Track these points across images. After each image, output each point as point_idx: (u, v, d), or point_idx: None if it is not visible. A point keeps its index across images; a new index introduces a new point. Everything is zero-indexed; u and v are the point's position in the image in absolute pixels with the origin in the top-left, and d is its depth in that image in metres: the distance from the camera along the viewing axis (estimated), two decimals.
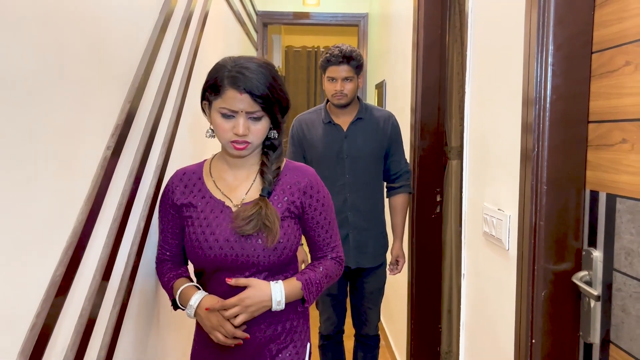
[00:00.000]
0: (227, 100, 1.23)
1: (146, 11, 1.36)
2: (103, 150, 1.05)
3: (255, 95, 1.23)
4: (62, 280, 0.84)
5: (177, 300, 1.35)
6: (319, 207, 1.39)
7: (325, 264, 1.42)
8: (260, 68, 1.25)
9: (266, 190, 1.32)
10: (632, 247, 1.06)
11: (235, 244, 1.28)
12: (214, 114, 1.27)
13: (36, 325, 0.78)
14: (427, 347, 2.75)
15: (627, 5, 1.07)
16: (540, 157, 1.24)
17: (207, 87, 1.28)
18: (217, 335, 1.27)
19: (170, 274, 1.39)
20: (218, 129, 1.27)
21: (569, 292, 1.23)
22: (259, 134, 1.28)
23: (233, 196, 1.35)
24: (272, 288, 1.29)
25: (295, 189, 1.37)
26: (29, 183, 0.77)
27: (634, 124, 1.04)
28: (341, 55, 2.23)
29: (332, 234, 1.43)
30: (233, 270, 1.30)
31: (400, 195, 2.45)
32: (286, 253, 1.32)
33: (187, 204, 1.34)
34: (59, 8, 0.86)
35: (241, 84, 1.22)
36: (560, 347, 1.24)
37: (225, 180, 1.36)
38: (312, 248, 1.45)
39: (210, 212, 1.32)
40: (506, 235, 1.41)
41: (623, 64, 1.09)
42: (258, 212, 1.26)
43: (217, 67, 1.28)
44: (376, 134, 2.35)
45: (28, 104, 0.77)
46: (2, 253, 0.71)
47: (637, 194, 1.04)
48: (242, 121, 1.24)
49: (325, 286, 1.41)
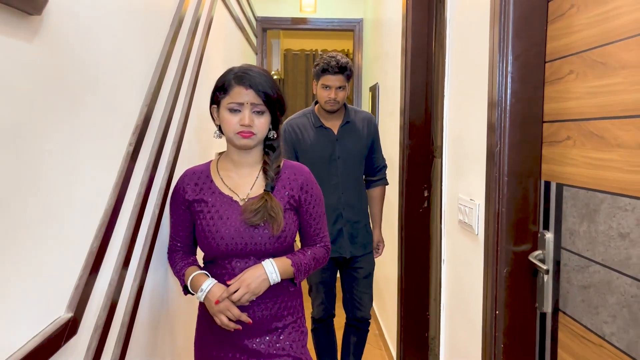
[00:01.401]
0: (234, 95, 1.43)
1: (160, 25, 1.55)
2: (126, 146, 1.24)
3: (259, 90, 1.43)
4: (97, 251, 1.03)
5: (188, 286, 1.50)
6: (312, 201, 1.58)
7: (313, 250, 1.60)
8: (262, 71, 1.48)
9: (269, 185, 1.50)
10: (574, 228, 1.25)
11: (244, 233, 1.45)
12: (223, 112, 1.45)
13: (78, 287, 0.97)
14: (416, 333, 2.94)
15: (572, 22, 1.26)
16: (502, 153, 1.43)
17: (216, 89, 1.48)
18: (222, 318, 1.43)
19: (181, 262, 1.55)
20: (226, 123, 1.45)
21: (526, 269, 1.42)
22: (262, 127, 1.46)
23: (239, 192, 1.51)
24: (264, 263, 1.46)
25: (294, 184, 1.54)
26: (75, 171, 0.96)
27: (575, 123, 1.23)
28: (337, 66, 2.43)
29: (321, 226, 1.62)
30: (241, 256, 1.47)
31: (379, 187, 2.71)
32: (288, 240, 1.50)
33: (198, 200, 1.50)
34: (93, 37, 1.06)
35: (246, 81, 1.43)
36: (520, 317, 1.43)
37: (231, 178, 1.53)
38: (304, 237, 1.63)
39: (220, 206, 1.48)
40: (476, 222, 1.60)
41: (568, 73, 1.28)
42: (264, 205, 1.44)
43: (225, 73, 1.49)
44: (362, 135, 2.58)
45: (77, 109, 0.96)
46: (55, 227, 0.90)
47: (577, 182, 1.23)
48: (247, 112, 1.42)
49: (314, 268, 1.58)
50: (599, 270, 1.15)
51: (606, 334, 1.12)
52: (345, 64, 2.45)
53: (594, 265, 1.16)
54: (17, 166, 0.77)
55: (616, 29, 1.08)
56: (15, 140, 0.76)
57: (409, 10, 2.78)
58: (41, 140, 0.84)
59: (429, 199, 2.87)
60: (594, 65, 1.16)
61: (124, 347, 1.17)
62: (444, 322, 2.01)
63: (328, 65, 2.44)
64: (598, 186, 1.14)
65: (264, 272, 1.44)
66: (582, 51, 1.21)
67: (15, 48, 0.76)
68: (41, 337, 0.82)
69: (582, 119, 1.21)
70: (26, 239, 0.80)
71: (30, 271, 0.81)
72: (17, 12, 0.75)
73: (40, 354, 0.81)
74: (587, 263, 1.19)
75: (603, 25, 1.12)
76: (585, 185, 1.20)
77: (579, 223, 1.23)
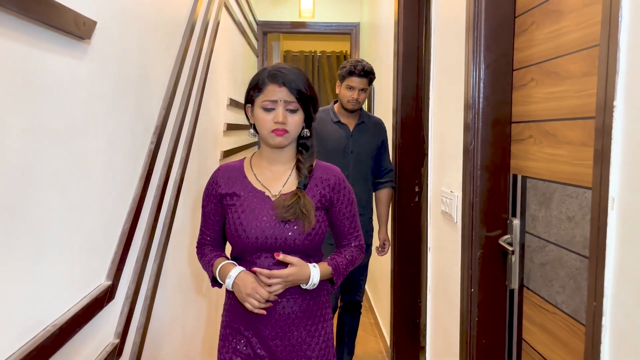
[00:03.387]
0: (268, 93, 1.45)
1: (175, 35, 1.74)
2: (148, 144, 1.44)
3: (292, 87, 1.44)
4: (128, 232, 1.23)
5: (216, 276, 1.51)
6: (345, 200, 1.58)
7: (350, 251, 1.61)
8: (294, 69, 1.50)
9: (302, 182, 1.50)
10: (535, 214, 1.45)
11: (275, 228, 1.45)
12: (257, 111, 1.47)
13: (114, 260, 1.17)
14: (408, 320, 3.13)
15: (532, 36, 1.46)
16: (476, 150, 1.62)
17: (251, 88, 1.50)
18: (252, 301, 1.41)
19: (210, 254, 1.57)
20: (260, 121, 1.46)
21: (497, 251, 1.62)
22: (295, 124, 1.47)
23: (271, 188, 1.52)
24: (312, 272, 1.46)
25: (326, 184, 1.55)
26: (112, 166, 1.16)
27: (535, 124, 1.43)
28: (363, 70, 2.69)
29: (355, 225, 1.63)
30: (271, 251, 1.46)
31: (386, 189, 2.91)
32: (317, 238, 1.50)
33: (231, 194, 1.51)
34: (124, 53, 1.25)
35: (279, 79, 1.45)
36: (491, 294, 1.63)
37: (264, 174, 1.54)
38: (338, 237, 1.64)
39: (252, 200, 1.49)
40: (455, 211, 1.80)
41: (530, 80, 1.47)
42: (297, 202, 1.44)
43: (258, 72, 1.51)
44: (373, 136, 2.83)
45: (112, 113, 1.16)
46: (97, 209, 1.10)
47: (537, 175, 1.43)
48: (281, 110, 1.44)
49: (349, 270, 1.61)
50: (553, 249, 1.34)
51: (558, 302, 1.32)
52: (369, 69, 2.72)
53: (550, 245, 1.36)
54: (72, 160, 0.97)
55: (564, 44, 1.27)
56: (70, 140, 0.96)
57: (400, 17, 2.98)
58: (87, 139, 1.04)
59: (420, 193, 3.07)
60: (549, 75, 1.36)
61: (148, 315, 1.37)
62: (429, 304, 2.21)
63: (355, 68, 2.69)
64: (552, 177, 1.34)
65: (307, 280, 1.46)
66: (540, 62, 1.41)
67: (70, 65, 0.96)
68: (89, 298, 1.02)
69: (540, 120, 1.41)
70: (78, 220, 1.00)
71: (79, 244, 1.01)
72: (73, 38, 0.95)
73: (89, 312, 1.01)
74: (545, 244, 1.39)
75: (555, 40, 1.32)
76: (543, 177, 1.39)
77: (538, 210, 1.43)
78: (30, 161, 0.81)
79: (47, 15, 0.82)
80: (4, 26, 0.74)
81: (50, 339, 0.85)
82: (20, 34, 0.78)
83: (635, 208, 0.85)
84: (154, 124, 1.48)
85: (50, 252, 0.89)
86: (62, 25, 0.87)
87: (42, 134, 0.85)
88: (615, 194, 0.90)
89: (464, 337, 1.71)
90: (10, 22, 0.75)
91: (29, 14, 0.77)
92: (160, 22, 1.56)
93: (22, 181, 0.79)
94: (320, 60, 7.13)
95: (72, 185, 0.96)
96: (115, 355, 1.15)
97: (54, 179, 0.90)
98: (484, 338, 1.64)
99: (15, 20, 0.76)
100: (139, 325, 1.33)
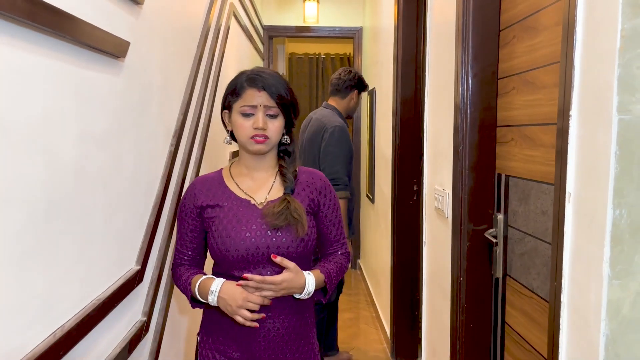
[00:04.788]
0: (247, 98, 1.37)
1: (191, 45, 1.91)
2: (168, 146, 1.61)
3: (272, 91, 1.37)
4: (153, 223, 1.40)
5: (196, 294, 1.36)
6: (331, 205, 1.52)
7: (338, 259, 1.54)
8: (274, 73, 1.43)
9: (289, 187, 1.43)
10: (516, 210, 1.61)
11: (267, 236, 1.36)
12: (235, 116, 1.39)
13: (142, 248, 1.34)
14: (406, 312, 3.30)
15: (514, 49, 1.62)
16: (464, 151, 1.79)
17: (228, 93, 1.41)
18: (244, 313, 1.29)
19: (187, 273, 1.42)
20: (239, 128, 1.38)
21: (483, 243, 1.78)
22: (276, 130, 1.40)
23: (256, 196, 1.43)
24: (307, 280, 1.37)
25: (313, 188, 1.48)
26: (140, 165, 1.33)
27: (516, 128, 1.59)
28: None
29: (341, 232, 1.56)
30: (263, 263, 1.35)
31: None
32: (310, 244, 1.43)
33: (212, 205, 1.40)
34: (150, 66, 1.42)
35: (259, 83, 1.37)
36: (478, 282, 1.79)
37: (246, 183, 1.45)
38: (324, 244, 1.55)
39: (238, 209, 1.39)
40: (446, 207, 1.96)
41: (512, 88, 1.63)
42: (287, 207, 1.36)
43: (236, 76, 1.42)
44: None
45: (140, 120, 1.32)
46: (129, 203, 1.27)
47: (518, 174, 1.59)
48: (260, 115, 1.36)
49: (339, 279, 1.52)
50: (530, 240, 1.50)
51: (534, 287, 1.48)
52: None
53: (528, 237, 1.52)
54: (109, 161, 1.14)
55: (539, 58, 1.43)
56: (108, 143, 1.13)
57: (400, 23, 3.14)
58: (121, 142, 1.21)
59: (418, 192, 3.23)
60: (527, 84, 1.52)
61: (169, 298, 1.54)
62: (424, 294, 2.37)
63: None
64: (529, 176, 1.50)
65: (301, 289, 1.37)
66: (520, 72, 1.57)
67: (109, 80, 1.13)
68: (123, 279, 1.20)
69: (520, 125, 1.57)
70: (114, 211, 1.17)
71: (114, 232, 1.18)
72: (112, 57, 1.12)
73: (123, 291, 1.18)
74: (524, 236, 1.55)
75: (532, 54, 1.48)
76: (522, 175, 1.55)
77: (518, 205, 1.59)
78: (81, 161, 0.98)
79: (94, 40, 0.99)
80: (62, 52, 0.90)
81: (96, 310, 1.02)
82: (74, 57, 0.95)
83: (586, 201, 1.01)
84: (173, 128, 1.65)
85: (95, 238, 1.06)
86: (105, 48, 1.05)
87: (89, 139, 1.02)
88: (572, 189, 1.06)
89: (454, 322, 1.87)
90: (65, 48, 0.92)
91: (81, 40, 0.94)
92: (178, 34, 1.73)
93: (77, 179, 0.96)
94: (324, 62, 7.29)
95: (110, 182, 1.14)
96: (143, 331, 1.32)
97: (97, 176, 1.07)
98: (471, 323, 1.80)
99: (70, 46, 0.93)
100: (161, 307, 1.50)
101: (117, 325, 1.19)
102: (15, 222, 0.75)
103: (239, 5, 3.22)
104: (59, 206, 0.89)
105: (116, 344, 1.16)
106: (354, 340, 3.63)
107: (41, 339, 0.83)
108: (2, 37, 0.71)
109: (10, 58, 0.74)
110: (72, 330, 0.90)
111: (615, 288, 0.94)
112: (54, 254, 0.88)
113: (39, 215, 0.82)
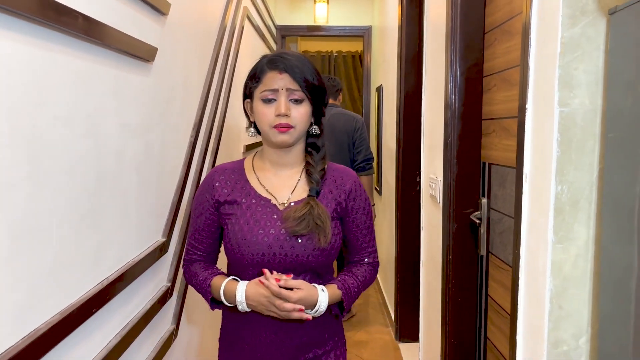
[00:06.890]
0: (267, 81, 1.25)
1: (208, 43, 2.14)
2: (189, 137, 1.83)
3: (295, 73, 1.24)
4: (176, 204, 1.63)
5: (222, 298, 1.29)
6: (360, 210, 1.38)
7: (363, 271, 1.40)
8: (299, 55, 1.29)
9: (315, 190, 1.30)
10: (497, 193, 1.80)
11: (285, 243, 1.25)
12: (256, 104, 1.27)
13: (167, 224, 1.57)
14: (409, 297, 3.49)
15: (495, 50, 1.81)
16: (453, 142, 1.98)
17: (249, 79, 1.31)
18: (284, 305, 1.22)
19: (205, 272, 1.35)
20: (260, 116, 1.26)
21: (469, 225, 1.98)
22: (301, 118, 1.26)
23: (278, 195, 1.32)
24: (320, 297, 1.26)
25: (341, 190, 1.35)
26: (165, 154, 1.55)
27: (497, 120, 1.79)
28: None
29: (370, 239, 1.42)
30: (278, 270, 1.26)
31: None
32: (333, 254, 1.31)
33: (230, 201, 1.31)
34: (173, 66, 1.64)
35: (280, 64, 1.24)
36: (465, 259, 1.99)
37: (269, 179, 1.34)
38: (350, 251, 1.43)
39: (257, 209, 1.29)
40: (438, 193, 2.16)
41: (493, 86, 1.83)
42: (309, 212, 1.24)
43: (257, 60, 1.31)
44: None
45: (165, 113, 1.54)
46: (156, 185, 1.49)
47: (497, 161, 1.78)
48: (283, 100, 1.23)
49: (361, 293, 1.40)
50: (507, 220, 1.70)
51: (510, 261, 1.67)
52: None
53: (505, 217, 1.72)
54: (142, 148, 1.36)
55: (513, 59, 1.62)
56: (140, 133, 1.36)
57: (403, 23, 3.33)
58: (150, 132, 1.43)
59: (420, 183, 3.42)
60: (505, 82, 1.71)
61: None
62: (422, 274, 2.57)
63: None
64: (506, 163, 1.70)
65: (313, 307, 1.26)
66: (499, 71, 1.76)
67: (141, 80, 1.35)
68: (152, 248, 1.42)
69: (499, 118, 1.76)
70: (145, 191, 1.39)
71: (145, 208, 1.40)
72: (143, 60, 1.35)
73: (150, 259, 1.40)
74: (502, 216, 1.75)
75: (508, 55, 1.67)
76: (501, 163, 1.75)
77: (498, 189, 1.79)
78: (120, 147, 1.21)
79: (130, 47, 1.21)
80: (106, 58, 1.13)
81: (131, 271, 1.24)
82: (115, 62, 1.17)
83: (537, 180, 1.21)
84: (192, 121, 1.87)
85: (130, 212, 1.29)
86: (138, 54, 1.27)
87: (126, 129, 1.25)
88: (528, 171, 1.26)
89: (444, 297, 2.07)
90: (109, 55, 1.14)
91: (120, 47, 1.16)
92: (197, 38, 1.95)
93: (116, 161, 1.19)
94: (336, 59, 7.49)
95: (141, 166, 1.36)
96: (168, 294, 1.55)
97: (132, 160, 1.29)
98: (459, 297, 2.00)
99: (112, 53, 1.15)
100: (182, 277, 1.72)
101: (147, 286, 1.41)
102: (73, 189, 0.98)
103: (252, 7, 3.44)
104: (104, 182, 1.12)
105: (147, 301, 1.38)
106: (362, 326, 3.84)
107: (92, 285, 1.06)
108: (69, 50, 0.94)
109: (72, 66, 0.96)
110: (115, 281, 1.13)
111: (557, 251, 1.14)
112: (100, 220, 1.10)
113: (90, 186, 1.05)
